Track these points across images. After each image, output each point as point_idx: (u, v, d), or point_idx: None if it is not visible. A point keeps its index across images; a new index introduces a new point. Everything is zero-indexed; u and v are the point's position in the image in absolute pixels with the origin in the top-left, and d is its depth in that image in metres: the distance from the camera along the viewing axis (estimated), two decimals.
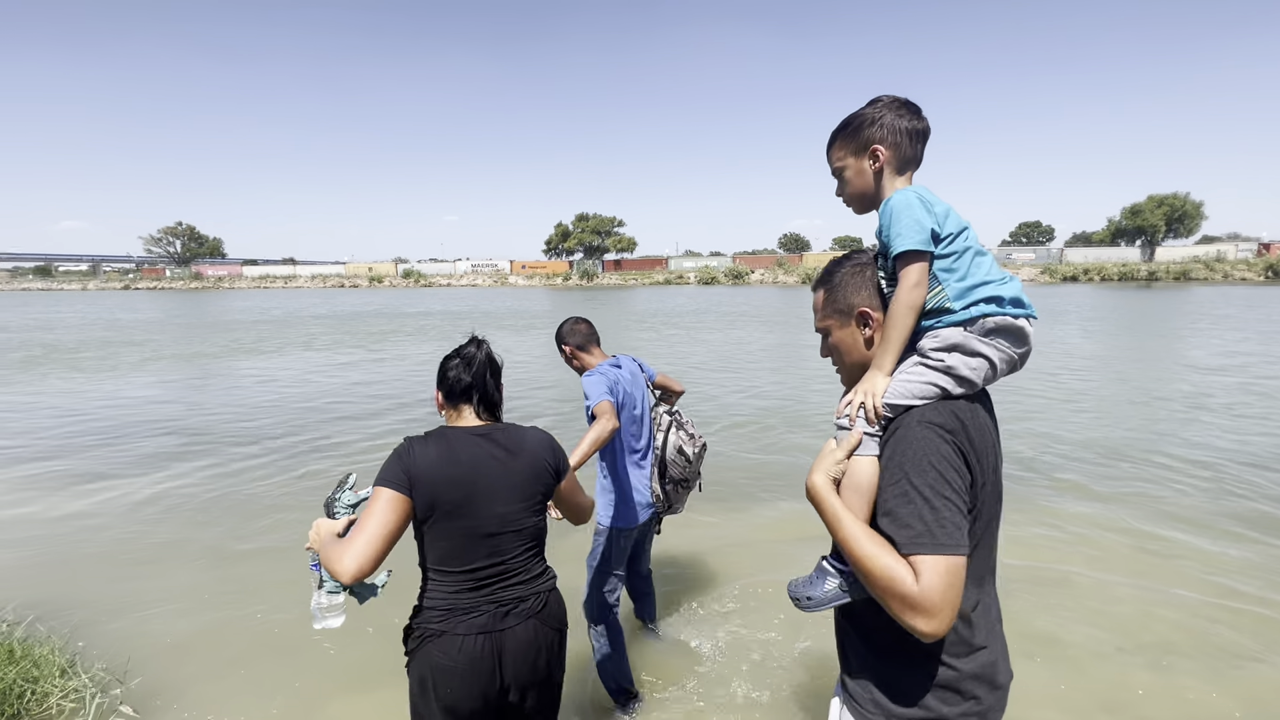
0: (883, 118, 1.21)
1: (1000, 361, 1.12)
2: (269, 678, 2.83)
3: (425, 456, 1.53)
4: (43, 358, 13.74)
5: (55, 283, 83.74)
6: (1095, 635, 3.06)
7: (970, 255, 1.13)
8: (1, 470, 5.82)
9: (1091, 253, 61.45)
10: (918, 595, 0.97)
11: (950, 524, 1.00)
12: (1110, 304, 26.95)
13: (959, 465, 1.04)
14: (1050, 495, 4.91)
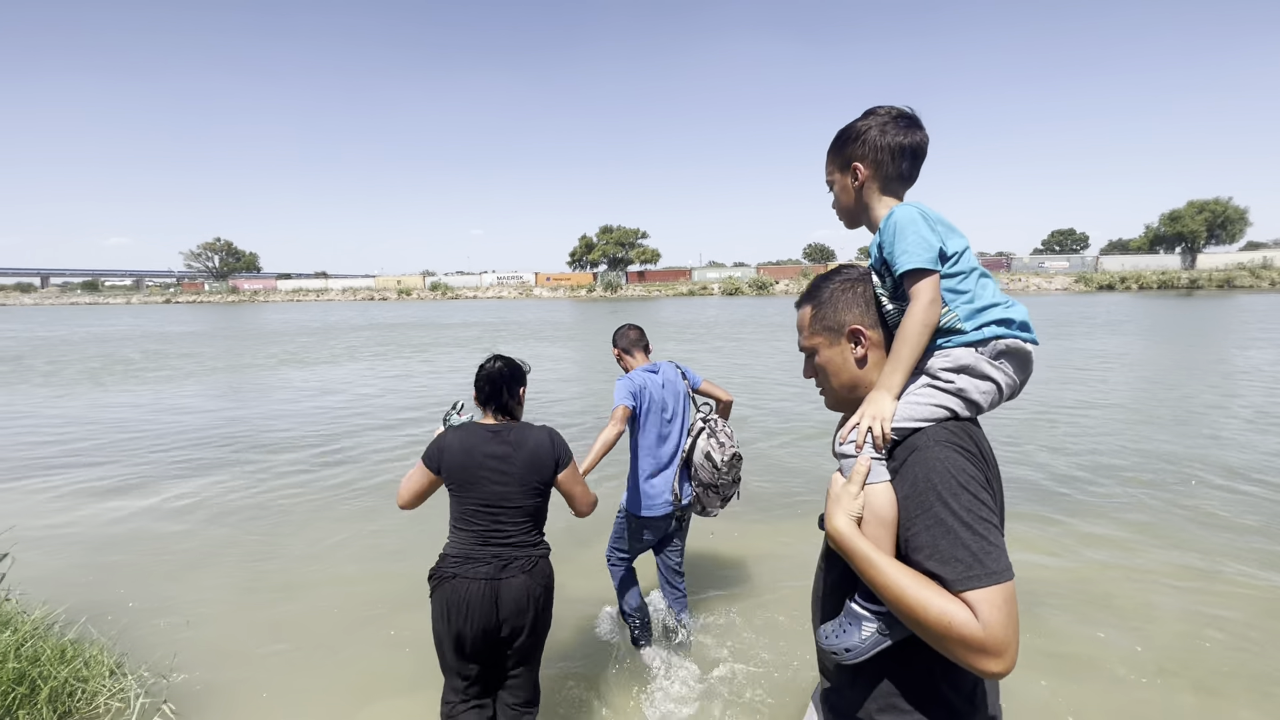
0: (867, 134, 1.18)
1: (1006, 387, 1.08)
2: (305, 682, 2.90)
3: (450, 444, 2.07)
4: (101, 370, 14.32)
5: (102, 297, 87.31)
6: (1138, 655, 2.96)
7: (976, 276, 1.11)
8: (56, 476, 6.07)
9: (1129, 260, 59.69)
10: (984, 637, 0.88)
11: (995, 548, 0.93)
12: (1152, 312, 26.09)
13: (986, 485, 0.99)
14: (1091, 510, 4.77)
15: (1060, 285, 55.36)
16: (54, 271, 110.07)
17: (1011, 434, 6.99)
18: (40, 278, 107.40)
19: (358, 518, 4.93)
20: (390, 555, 4.24)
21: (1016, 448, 6.44)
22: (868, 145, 1.18)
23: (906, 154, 1.18)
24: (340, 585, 3.83)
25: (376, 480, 5.85)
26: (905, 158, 1.18)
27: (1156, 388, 9.68)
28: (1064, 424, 7.44)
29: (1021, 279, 57.77)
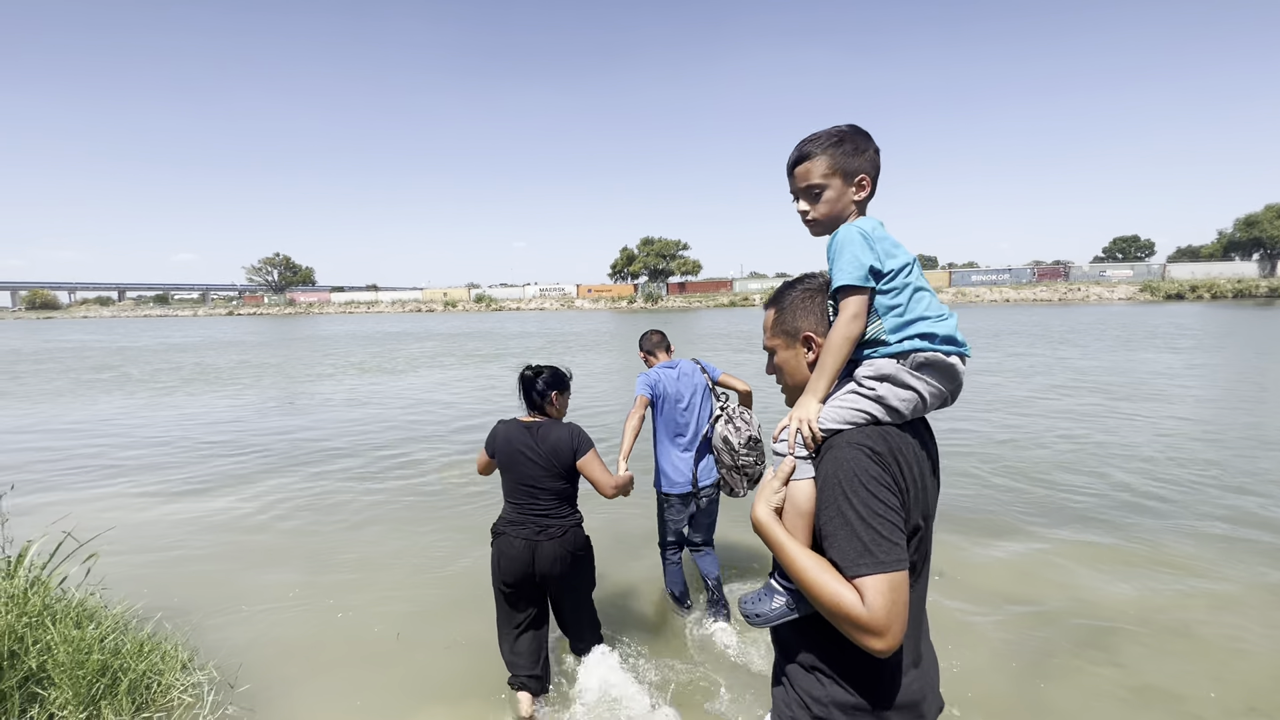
0: (868, 149, 1.24)
1: (929, 396, 1.16)
2: (361, 684, 2.98)
3: (498, 434, 2.68)
4: (196, 377, 15.23)
5: (171, 310, 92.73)
6: (1222, 692, 2.76)
7: (910, 291, 1.17)
8: (133, 478, 6.45)
9: (1200, 268, 56.23)
10: (866, 617, 1.00)
11: (886, 541, 1.04)
12: (1227, 322, 24.50)
13: (890, 484, 1.08)
14: (1167, 532, 4.49)
15: (1123, 295, 52.60)
16: (129, 286, 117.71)
17: (1082, 451, 6.66)
18: (118, 292, 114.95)
19: (420, 523, 5.06)
20: (442, 561, 4.33)
21: (1084, 467, 6.13)
22: (870, 162, 1.23)
23: (871, 165, 1.25)
24: (395, 589, 3.93)
25: (433, 487, 5.99)
26: (872, 166, 1.25)
27: (1243, 402, 9.07)
28: (1141, 443, 7.04)
29: (1080, 288, 55.16)
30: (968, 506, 5.16)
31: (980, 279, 62.23)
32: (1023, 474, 5.97)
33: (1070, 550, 4.26)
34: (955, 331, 1.18)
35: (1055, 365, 13.52)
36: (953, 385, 1.19)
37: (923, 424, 1.24)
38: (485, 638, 3.33)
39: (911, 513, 1.11)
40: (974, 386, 11.10)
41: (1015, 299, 54.68)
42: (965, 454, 6.67)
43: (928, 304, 1.18)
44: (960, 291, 58.80)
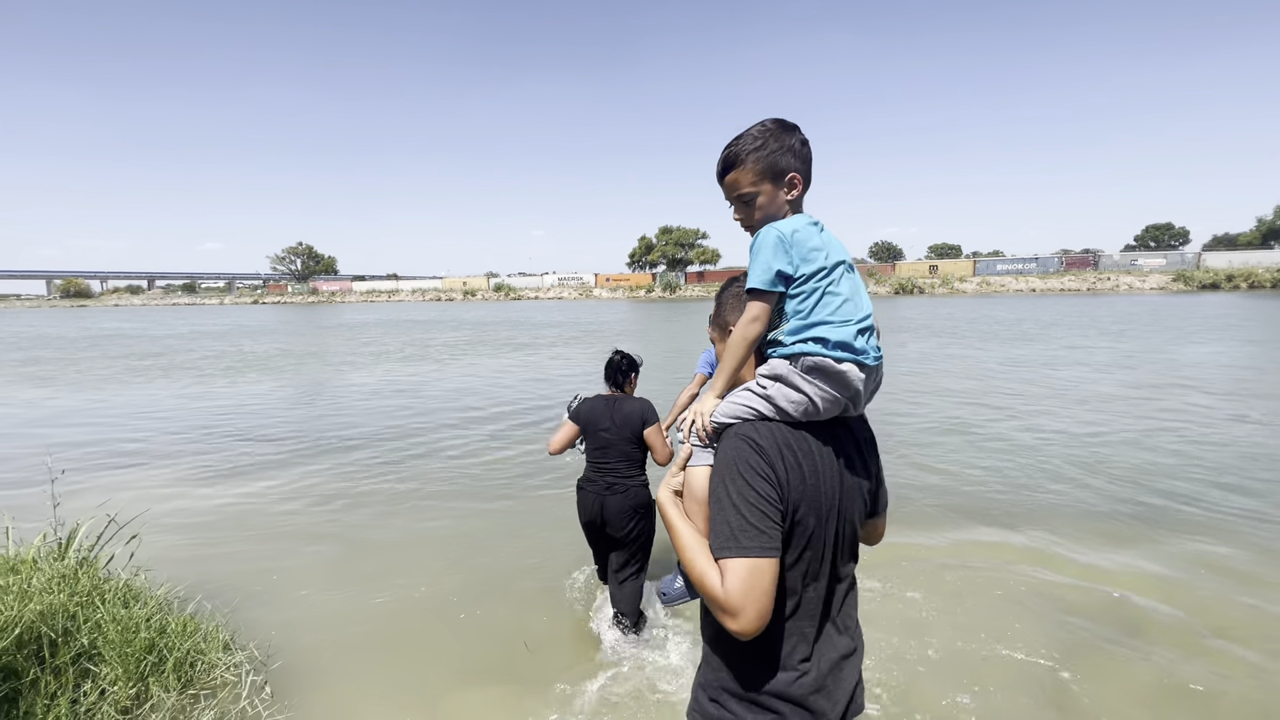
0: (799, 146, 1.23)
1: (821, 401, 1.17)
2: (394, 665, 3.06)
3: (582, 407, 3.23)
4: (243, 365, 15.63)
5: (199, 298, 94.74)
6: (1263, 698, 2.71)
7: (818, 295, 1.19)
8: (169, 463, 6.65)
9: (1237, 256, 54.24)
10: (723, 597, 1.05)
11: (753, 528, 1.08)
12: (1267, 313, 23.73)
13: (768, 475, 1.11)
14: (1202, 531, 4.40)
15: (1155, 284, 51.12)
16: (158, 275, 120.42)
17: (1120, 444, 6.53)
18: (147, 280, 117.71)
19: (450, 506, 5.15)
20: (470, 549, 4.40)
21: (1118, 461, 6.02)
22: (800, 156, 1.23)
23: (803, 163, 1.24)
24: (424, 575, 4.01)
25: (474, 471, 6.09)
26: (803, 165, 1.24)
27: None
28: (1185, 437, 6.89)
29: (1110, 277, 53.72)
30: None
31: (1005, 268, 60.92)
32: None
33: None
34: (853, 339, 1.18)
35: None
36: (847, 391, 1.18)
37: (842, 425, 1.25)
38: (516, 622, 3.41)
39: (797, 507, 1.14)
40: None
41: (1042, 289, 53.50)
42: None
43: (835, 308, 1.19)
44: (985, 281, 57.64)
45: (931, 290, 56.17)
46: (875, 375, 1.24)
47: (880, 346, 1.25)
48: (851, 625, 1.28)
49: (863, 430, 1.31)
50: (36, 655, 2.50)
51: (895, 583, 3.74)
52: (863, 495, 1.27)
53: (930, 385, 10.39)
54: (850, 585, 1.29)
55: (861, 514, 1.29)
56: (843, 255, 1.24)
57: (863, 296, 1.24)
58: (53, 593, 2.75)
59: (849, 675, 1.23)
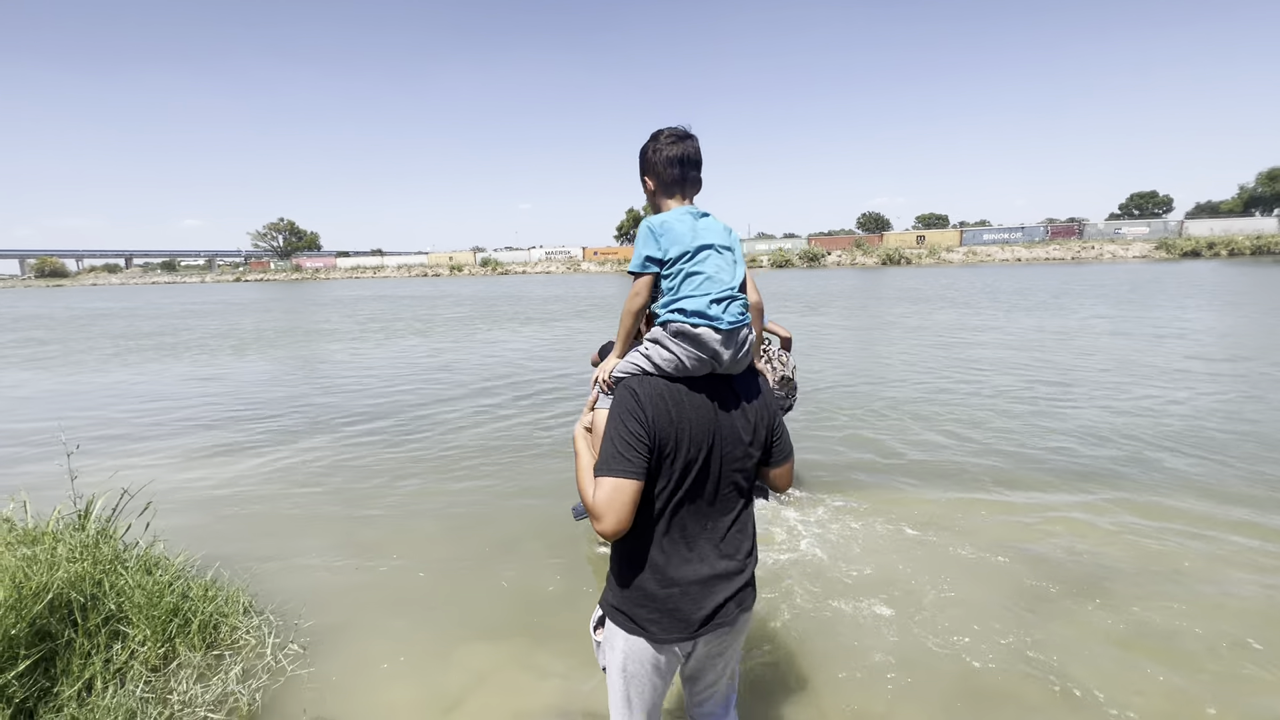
0: (646, 152, 1.58)
1: (686, 358, 1.47)
2: (407, 624, 3.21)
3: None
4: (252, 341, 15.49)
5: (179, 276, 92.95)
6: (1213, 630, 2.95)
7: (683, 275, 1.50)
8: (176, 440, 6.72)
9: (1218, 224, 54.99)
10: (593, 505, 1.40)
11: (620, 456, 1.40)
12: (1241, 279, 24.19)
13: (640, 417, 1.42)
14: (1158, 486, 4.65)
15: (1138, 252, 51.77)
16: (136, 253, 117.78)
17: (1081, 404, 6.79)
18: (125, 259, 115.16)
19: (470, 471, 5.30)
20: (470, 515, 4.56)
21: (1077, 419, 6.27)
22: (648, 161, 1.58)
23: (675, 163, 1.55)
24: (429, 540, 4.16)
25: (493, 441, 6.22)
26: (675, 166, 1.55)
27: (1238, 357, 9.11)
28: (1135, 398, 7.16)
29: (1094, 246, 54.30)
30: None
31: (992, 237, 61.28)
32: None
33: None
34: (707, 308, 1.47)
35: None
36: (706, 350, 1.46)
37: (723, 381, 1.53)
38: (526, 581, 3.58)
39: (664, 444, 1.44)
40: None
41: (1027, 258, 53.97)
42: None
43: (696, 285, 1.49)
44: (971, 251, 57.99)
45: (919, 261, 56.44)
46: (734, 338, 1.50)
47: (742, 313, 1.51)
48: (737, 551, 1.55)
49: (747, 387, 1.57)
50: (69, 619, 2.63)
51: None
52: (743, 442, 1.53)
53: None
54: (738, 517, 1.56)
55: (752, 459, 1.56)
56: (712, 240, 1.53)
57: (725, 274, 1.52)
58: (77, 561, 2.86)
59: (721, 591, 1.51)
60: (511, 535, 4.20)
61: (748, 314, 1.55)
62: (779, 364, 3.80)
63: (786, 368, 3.78)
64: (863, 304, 20.79)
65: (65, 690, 2.39)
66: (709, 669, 1.67)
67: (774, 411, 1.62)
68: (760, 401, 1.59)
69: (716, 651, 1.62)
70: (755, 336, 1.65)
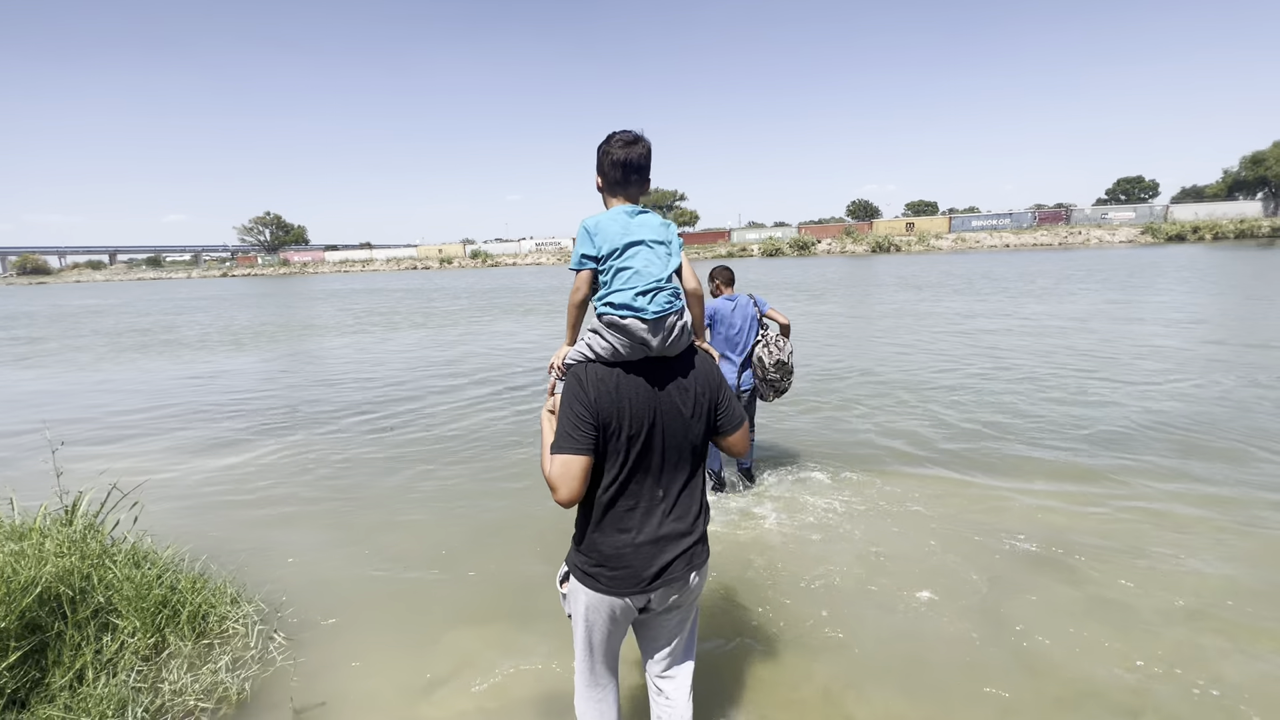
0: (599, 152, 1.73)
1: (619, 345, 1.63)
2: (391, 613, 3.29)
3: None
4: (253, 337, 15.37)
5: (164, 272, 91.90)
6: (1169, 601, 3.07)
7: (614, 271, 1.65)
8: (161, 437, 6.74)
9: (1203, 208, 55.41)
10: (547, 476, 1.60)
11: (569, 436, 1.58)
12: (1220, 264, 24.51)
13: (584, 399, 1.60)
14: (1126, 467, 4.79)
15: (1125, 237, 52.17)
16: (120, 249, 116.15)
17: (1049, 385, 6.92)
18: (109, 255, 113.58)
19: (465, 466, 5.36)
20: (460, 503, 4.63)
21: (1046, 400, 6.40)
22: (600, 163, 1.74)
23: (618, 166, 1.69)
24: (415, 530, 4.23)
25: (452, 436, 6.28)
26: (618, 169, 1.70)
27: (1211, 342, 9.30)
28: (1094, 379, 7.30)
29: (1081, 231, 54.67)
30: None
31: (980, 224, 61.56)
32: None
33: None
34: (633, 300, 1.60)
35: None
36: (634, 338, 1.61)
37: (661, 363, 1.67)
38: (508, 569, 3.66)
39: (607, 422, 1.60)
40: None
41: (1015, 244, 54.27)
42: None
43: (625, 279, 1.63)
44: (960, 237, 58.25)
45: (908, 248, 56.66)
46: (661, 325, 1.63)
47: (669, 302, 1.64)
48: (686, 515, 1.73)
49: (685, 367, 1.72)
50: (58, 612, 2.68)
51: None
52: (684, 416, 1.69)
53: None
54: (686, 484, 1.73)
55: (694, 431, 1.72)
56: (644, 236, 1.67)
57: (654, 267, 1.65)
58: (65, 556, 2.91)
59: (670, 551, 1.70)
60: (498, 523, 4.28)
61: (677, 302, 1.67)
62: (775, 349, 4.13)
63: (783, 352, 4.12)
64: (866, 291, 20.81)
65: (57, 681, 2.45)
66: (663, 623, 1.86)
67: (716, 386, 1.77)
68: (700, 378, 1.74)
69: (672, 605, 1.80)
70: (697, 319, 1.83)
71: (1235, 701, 2.41)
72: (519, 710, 2.55)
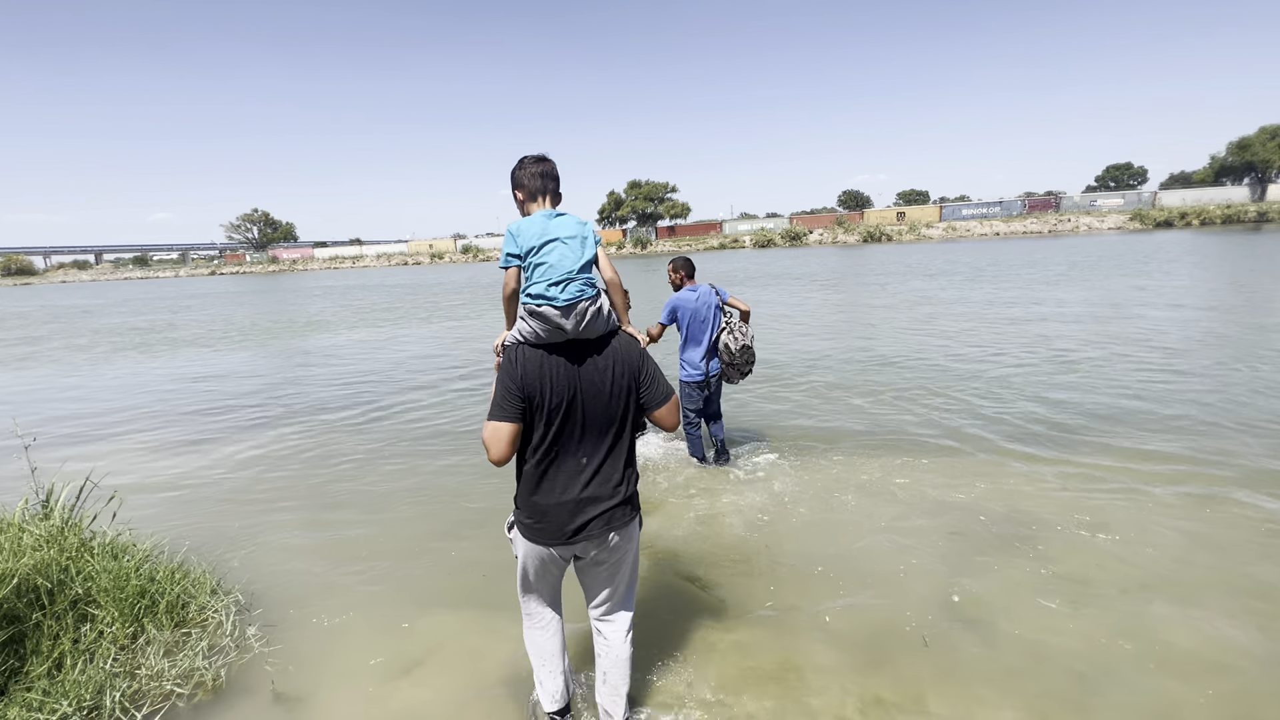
0: (515, 171, 2.04)
1: (540, 330, 1.89)
2: (368, 600, 3.34)
3: None
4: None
5: (152, 271, 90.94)
6: (1124, 574, 3.17)
7: (533, 266, 1.90)
8: (144, 434, 6.75)
9: (1190, 194, 55.78)
10: (483, 439, 1.89)
11: (499, 406, 1.87)
12: (1208, 249, 24.73)
13: (513, 374, 1.89)
14: (1095, 446, 4.89)
15: (1113, 224, 52.50)
16: (106, 248, 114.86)
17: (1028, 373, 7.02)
18: (94, 254, 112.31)
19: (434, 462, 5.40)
20: (441, 493, 4.69)
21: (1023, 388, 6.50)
22: (516, 179, 2.05)
23: (538, 176, 2.01)
24: (395, 522, 4.28)
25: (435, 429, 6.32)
26: (538, 178, 2.01)
27: (1188, 323, 9.43)
28: (1076, 364, 7.41)
29: (1070, 219, 54.96)
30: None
31: (970, 212, 61.76)
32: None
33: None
34: (546, 290, 1.86)
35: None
36: (550, 324, 1.87)
37: (582, 345, 1.93)
38: (482, 556, 3.72)
39: (531, 395, 1.88)
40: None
41: (1005, 232, 54.51)
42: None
43: (541, 273, 1.89)
44: (951, 226, 58.46)
45: (899, 237, 56.82)
46: (572, 311, 1.87)
47: (580, 291, 1.88)
48: (607, 482, 1.98)
49: (602, 347, 1.96)
50: (36, 603, 2.72)
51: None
52: (604, 392, 1.94)
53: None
54: (609, 454, 1.99)
55: (615, 407, 1.96)
56: (559, 234, 1.91)
57: (568, 260, 1.88)
58: (42, 549, 2.94)
59: (588, 512, 1.97)
60: (480, 511, 4.33)
61: (589, 290, 1.91)
62: (739, 334, 4.48)
63: (746, 337, 4.50)
64: (881, 282, 20.37)
65: (35, 669, 2.49)
66: (595, 574, 2.14)
67: (636, 366, 2.01)
68: (619, 358, 1.98)
69: (598, 560, 2.08)
70: (617, 305, 2.09)
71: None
72: (494, 689, 2.61)
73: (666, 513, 4.16)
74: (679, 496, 4.42)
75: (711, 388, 4.72)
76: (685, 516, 4.09)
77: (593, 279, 1.94)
